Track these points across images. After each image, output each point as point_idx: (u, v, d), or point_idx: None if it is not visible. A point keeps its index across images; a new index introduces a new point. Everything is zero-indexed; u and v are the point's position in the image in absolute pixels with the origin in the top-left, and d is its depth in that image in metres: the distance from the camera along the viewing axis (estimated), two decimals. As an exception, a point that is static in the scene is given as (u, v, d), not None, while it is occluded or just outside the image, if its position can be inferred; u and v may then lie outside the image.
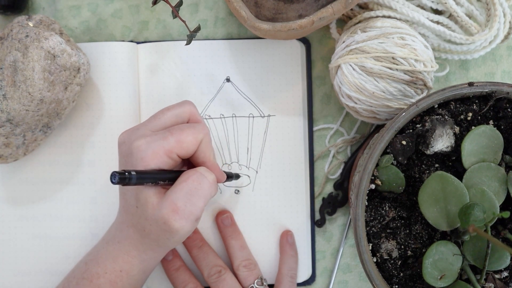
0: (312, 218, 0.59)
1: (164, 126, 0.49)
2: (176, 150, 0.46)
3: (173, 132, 0.47)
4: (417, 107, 0.45)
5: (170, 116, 0.49)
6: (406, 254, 0.46)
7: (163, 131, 0.47)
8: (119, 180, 0.41)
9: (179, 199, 0.45)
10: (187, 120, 0.50)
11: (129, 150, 0.46)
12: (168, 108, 0.50)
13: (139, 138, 0.46)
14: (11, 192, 0.57)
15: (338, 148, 0.59)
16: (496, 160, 0.45)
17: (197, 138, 0.47)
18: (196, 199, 0.46)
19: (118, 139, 0.49)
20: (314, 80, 0.59)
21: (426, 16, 0.54)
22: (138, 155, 0.45)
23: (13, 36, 0.49)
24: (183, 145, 0.46)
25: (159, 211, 0.45)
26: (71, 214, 0.57)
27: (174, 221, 0.45)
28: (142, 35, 0.59)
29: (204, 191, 0.46)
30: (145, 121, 0.49)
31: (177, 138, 0.46)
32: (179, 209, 0.45)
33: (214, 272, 0.54)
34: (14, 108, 0.49)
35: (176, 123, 0.49)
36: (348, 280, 0.59)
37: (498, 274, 0.45)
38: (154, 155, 0.45)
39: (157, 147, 0.45)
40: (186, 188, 0.46)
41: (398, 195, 0.47)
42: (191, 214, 0.46)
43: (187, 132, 0.47)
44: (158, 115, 0.49)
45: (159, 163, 0.46)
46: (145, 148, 0.45)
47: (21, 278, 0.57)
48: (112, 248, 0.49)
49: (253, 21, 0.49)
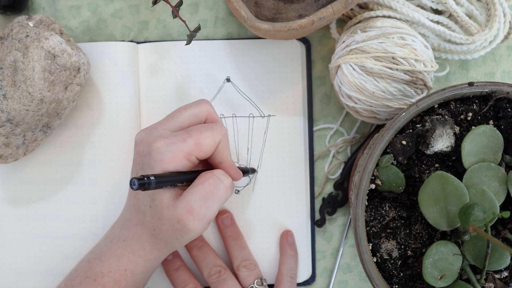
0: (312, 218, 0.59)
1: (181, 126, 0.48)
2: (195, 153, 0.46)
3: (192, 134, 0.46)
4: (417, 107, 0.45)
5: (187, 116, 0.49)
6: (406, 254, 0.46)
7: (181, 132, 0.47)
8: (139, 186, 0.41)
9: (195, 202, 0.45)
10: (204, 119, 0.50)
11: (147, 151, 0.46)
12: (185, 108, 0.49)
13: (158, 139, 0.46)
14: (11, 192, 0.57)
15: (338, 148, 0.59)
16: (496, 160, 0.45)
17: (216, 140, 0.47)
18: (211, 203, 0.46)
19: (136, 138, 0.49)
20: (314, 80, 0.59)
21: (426, 16, 0.54)
22: (157, 157, 0.45)
23: (13, 36, 0.49)
24: (201, 148, 0.46)
25: (174, 211, 0.45)
26: (71, 214, 0.57)
27: (188, 222, 0.45)
28: (142, 35, 0.59)
29: (220, 195, 0.47)
30: (162, 120, 0.49)
31: (196, 141, 0.46)
32: (194, 210, 0.45)
33: (214, 272, 0.54)
34: (14, 108, 0.49)
35: (194, 123, 0.49)
36: (348, 280, 0.59)
37: (498, 274, 0.45)
38: (174, 158, 0.45)
39: (176, 150, 0.45)
40: (202, 190, 0.46)
41: (398, 195, 0.47)
42: (205, 217, 0.46)
43: (206, 134, 0.47)
44: (176, 115, 0.49)
45: (178, 166, 0.46)
46: (164, 151, 0.45)
47: (21, 278, 0.57)
48: (117, 247, 0.49)
49: (253, 21, 0.49)
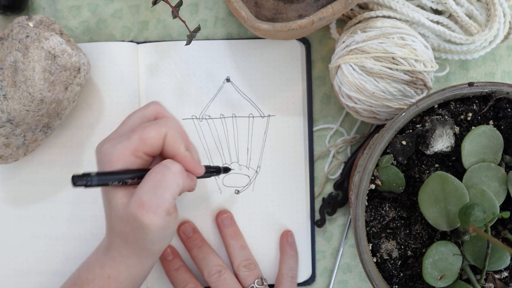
0: (312, 218, 0.59)
1: (131, 128, 0.48)
2: (141, 148, 0.46)
3: (136, 131, 0.46)
4: (417, 107, 0.45)
5: (135, 118, 0.49)
6: (406, 254, 0.46)
7: (127, 131, 0.47)
8: (78, 182, 0.42)
9: (144, 193, 0.45)
10: (154, 118, 0.50)
11: (98, 156, 0.47)
12: (134, 112, 0.50)
13: (106, 143, 0.47)
14: (11, 192, 0.57)
15: (338, 148, 0.59)
16: (496, 160, 0.45)
17: (160, 133, 0.47)
18: (161, 191, 0.45)
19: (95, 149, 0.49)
20: (314, 80, 0.59)
21: (426, 16, 0.54)
22: (105, 158, 0.46)
23: (14, 36, 0.49)
24: (146, 142, 0.46)
25: (127, 208, 0.45)
26: (71, 214, 0.57)
27: (142, 216, 0.44)
28: (142, 35, 0.59)
29: (169, 182, 0.45)
30: (116, 129, 0.50)
31: (140, 136, 0.46)
32: (145, 203, 0.44)
33: (214, 272, 0.54)
34: (14, 108, 0.49)
35: (143, 123, 0.49)
36: (348, 280, 0.59)
37: (498, 274, 0.45)
38: (120, 155, 0.45)
39: (122, 147, 0.46)
40: (150, 181, 0.45)
41: (398, 195, 0.47)
42: (158, 207, 0.45)
43: (149, 128, 0.47)
44: (125, 120, 0.49)
45: (127, 164, 0.46)
46: (111, 151, 0.46)
47: (21, 278, 0.57)
48: (101, 255, 0.49)
49: (253, 21, 0.49)
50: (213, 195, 0.58)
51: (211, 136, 0.58)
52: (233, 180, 0.58)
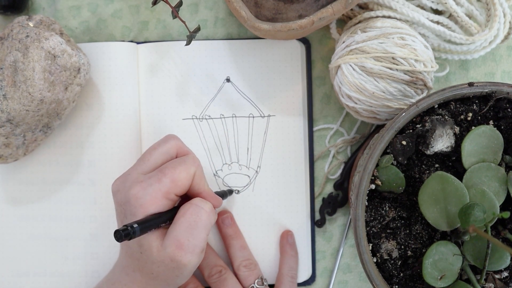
0: (312, 218, 0.59)
1: (154, 166, 0.48)
2: (173, 190, 0.46)
3: (166, 172, 0.46)
4: (417, 107, 0.45)
5: (158, 155, 0.49)
6: (406, 254, 0.46)
7: (155, 172, 0.47)
8: (125, 237, 0.42)
9: (182, 235, 0.45)
10: (175, 154, 0.50)
11: (126, 199, 0.46)
12: (154, 147, 0.49)
13: (134, 185, 0.46)
14: (10, 192, 0.57)
15: (338, 148, 0.59)
16: (496, 160, 0.45)
17: (190, 173, 0.47)
18: (198, 232, 0.46)
19: (112, 188, 0.49)
20: (314, 80, 0.59)
21: (426, 16, 0.54)
22: (137, 202, 0.45)
23: (14, 36, 0.49)
24: (178, 183, 0.46)
25: (164, 251, 0.45)
26: (70, 215, 0.57)
27: (181, 257, 0.45)
28: (142, 35, 0.59)
29: (204, 222, 0.47)
30: (135, 164, 0.49)
31: (171, 178, 0.46)
32: (183, 244, 0.45)
33: (214, 272, 0.54)
34: (14, 108, 0.49)
35: (165, 160, 0.49)
36: (348, 280, 0.59)
37: (498, 274, 0.45)
38: (153, 200, 0.45)
39: (154, 191, 0.45)
40: (185, 222, 0.46)
41: (398, 195, 0.47)
42: (196, 247, 0.46)
43: (180, 169, 0.47)
44: (146, 156, 0.49)
45: (159, 207, 0.46)
46: (142, 195, 0.45)
47: (20, 278, 0.57)
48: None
49: (253, 21, 0.49)
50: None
51: (211, 136, 0.58)
52: (233, 180, 0.58)
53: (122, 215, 0.48)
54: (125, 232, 0.42)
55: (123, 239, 0.42)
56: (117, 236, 0.42)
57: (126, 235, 0.42)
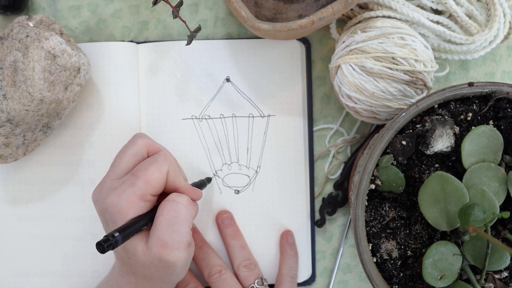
0: (312, 218, 0.59)
1: (127, 169, 0.48)
2: (148, 191, 0.46)
3: (138, 175, 0.46)
4: (417, 107, 0.45)
5: (128, 158, 0.49)
6: (406, 254, 0.46)
7: (127, 177, 0.47)
8: (107, 248, 0.41)
9: (163, 234, 0.45)
10: (146, 154, 0.50)
11: (104, 208, 0.46)
12: (123, 150, 0.49)
13: (109, 193, 0.46)
14: (10, 192, 0.57)
15: (338, 148, 0.59)
16: (496, 160, 0.45)
17: (163, 172, 0.47)
18: (179, 227, 0.46)
19: (92, 199, 0.49)
20: (314, 80, 0.59)
21: (426, 16, 0.54)
22: (114, 209, 0.45)
23: (14, 36, 0.49)
24: (152, 184, 0.46)
25: (149, 253, 0.45)
26: (70, 214, 0.57)
27: (168, 256, 0.45)
28: (142, 35, 0.59)
29: (183, 216, 0.46)
30: (108, 171, 0.49)
31: (144, 179, 0.46)
32: (167, 243, 0.45)
33: (214, 272, 0.54)
34: (14, 108, 0.49)
35: (137, 161, 0.49)
36: (348, 280, 0.59)
37: (498, 274, 0.45)
38: (129, 204, 0.45)
39: (129, 196, 0.45)
40: (165, 220, 0.45)
41: (398, 195, 0.47)
42: (180, 243, 0.45)
43: (152, 170, 0.46)
44: (117, 161, 0.49)
45: (137, 211, 0.46)
46: (118, 202, 0.45)
47: (20, 278, 0.57)
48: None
49: (253, 21, 0.49)
50: (213, 195, 0.58)
51: (211, 136, 0.58)
52: (233, 180, 0.58)
53: (105, 224, 0.48)
54: (107, 244, 0.41)
55: (106, 250, 0.41)
56: (99, 248, 0.41)
57: (108, 246, 0.41)
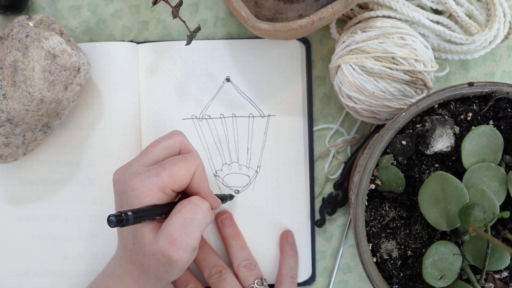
0: (312, 218, 0.59)
1: (156, 160, 0.48)
2: (170, 186, 0.46)
3: (166, 167, 0.46)
4: (417, 107, 0.45)
5: (160, 149, 0.49)
6: (406, 254, 0.46)
7: (155, 166, 0.47)
8: (117, 223, 0.41)
9: (175, 231, 0.45)
10: (178, 151, 0.50)
11: (123, 189, 0.46)
12: (158, 141, 0.49)
13: (132, 176, 0.46)
14: (10, 192, 0.57)
15: (338, 148, 0.59)
16: (496, 160, 0.45)
17: (190, 171, 0.47)
18: (192, 229, 0.46)
19: (113, 177, 0.49)
20: (314, 80, 0.59)
21: (426, 16, 0.54)
22: (133, 193, 0.45)
23: (13, 35, 0.49)
24: (176, 179, 0.46)
25: (156, 245, 0.45)
26: (70, 214, 0.57)
27: (172, 253, 0.45)
28: (142, 35, 0.59)
29: (199, 220, 0.46)
30: (137, 156, 0.49)
31: (170, 173, 0.46)
32: (175, 240, 0.45)
33: (214, 272, 0.54)
34: (14, 108, 0.49)
35: (168, 155, 0.49)
36: (348, 280, 0.59)
37: (498, 274, 0.45)
38: (149, 192, 0.45)
39: (151, 184, 0.45)
40: (180, 218, 0.46)
41: (398, 195, 0.47)
42: (188, 245, 0.45)
43: (180, 166, 0.47)
44: (149, 149, 0.49)
45: (154, 200, 0.46)
46: (139, 186, 0.45)
47: (20, 278, 0.57)
48: (112, 282, 0.48)
49: (253, 21, 0.49)
50: (213, 195, 0.58)
51: (211, 136, 0.58)
52: (233, 180, 0.58)
53: (119, 205, 0.48)
54: (118, 218, 0.41)
55: (115, 224, 0.41)
56: (109, 221, 0.41)
57: (119, 221, 0.41)
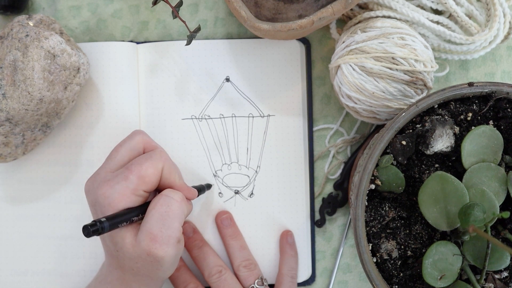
0: (312, 218, 0.58)
1: (121, 163, 0.48)
2: (140, 187, 0.46)
3: (132, 169, 0.46)
4: (417, 107, 0.45)
5: (124, 152, 0.49)
6: (406, 254, 0.46)
7: (122, 170, 0.47)
8: (92, 232, 0.41)
9: (154, 227, 0.45)
10: (143, 150, 0.50)
11: (95, 199, 0.46)
12: (120, 144, 0.49)
13: (102, 184, 0.46)
14: (9, 191, 0.57)
15: (338, 148, 0.59)
16: (496, 160, 0.45)
17: (158, 168, 0.47)
18: (170, 222, 0.46)
19: (84, 189, 0.49)
20: (314, 80, 0.59)
21: (426, 16, 0.54)
22: (105, 201, 0.45)
23: (13, 35, 0.49)
24: (145, 179, 0.46)
25: (138, 246, 0.45)
26: (69, 214, 0.57)
27: (156, 250, 0.45)
28: (142, 35, 0.59)
29: (175, 211, 0.46)
30: (103, 163, 0.49)
31: (138, 175, 0.46)
32: (156, 236, 0.45)
33: (214, 272, 0.54)
34: (13, 107, 0.49)
35: (132, 156, 0.49)
36: (348, 280, 0.59)
37: (498, 274, 0.45)
38: (121, 197, 0.45)
39: (121, 189, 0.45)
40: (156, 214, 0.45)
41: (398, 195, 0.47)
42: (170, 238, 0.45)
43: (146, 165, 0.46)
44: (113, 154, 0.49)
45: (128, 204, 0.46)
46: (110, 193, 0.45)
47: (19, 277, 0.57)
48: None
49: (253, 21, 0.49)
50: (213, 195, 0.58)
51: (210, 136, 0.58)
52: (233, 180, 0.58)
53: (95, 215, 0.48)
54: (93, 228, 0.41)
55: (91, 234, 0.41)
56: (85, 231, 0.41)
57: (94, 230, 0.41)
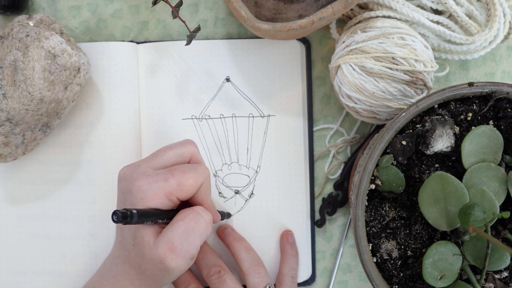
0: (312, 218, 0.59)
1: (165, 165, 0.48)
2: (176, 193, 0.46)
3: (175, 174, 0.46)
4: (417, 107, 0.45)
5: (171, 155, 0.49)
6: (406, 254, 0.46)
7: (164, 171, 0.47)
8: (121, 219, 0.41)
9: (176, 238, 0.45)
10: (189, 160, 0.50)
11: (129, 188, 0.46)
12: (170, 147, 0.49)
13: (140, 177, 0.46)
14: (9, 191, 0.57)
15: (338, 148, 0.59)
16: (496, 160, 0.45)
17: (198, 182, 0.47)
18: (193, 238, 0.46)
19: (119, 175, 0.49)
20: (314, 80, 0.59)
21: (426, 16, 0.54)
22: (139, 195, 0.45)
23: (14, 35, 0.49)
24: (183, 188, 0.46)
25: (155, 249, 0.45)
26: (69, 214, 0.57)
27: (170, 260, 0.45)
28: (142, 35, 0.59)
29: (201, 230, 0.46)
30: (147, 157, 0.49)
31: (178, 181, 0.46)
32: (175, 248, 0.45)
33: (213, 272, 0.54)
34: (13, 107, 0.49)
35: (178, 162, 0.49)
36: (348, 280, 0.59)
37: (498, 274, 0.45)
38: (155, 196, 0.45)
39: (158, 188, 0.45)
40: (183, 226, 0.46)
41: (398, 195, 0.47)
42: (187, 253, 0.45)
43: (189, 175, 0.47)
44: (160, 153, 0.49)
45: (159, 204, 0.46)
46: (146, 189, 0.45)
47: (19, 277, 0.57)
48: (107, 283, 0.48)
49: (253, 21, 0.49)
50: (213, 195, 0.58)
51: (210, 136, 0.58)
52: (233, 180, 0.58)
53: (122, 203, 0.48)
54: (123, 215, 0.41)
55: (120, 221, 0.41)
56: (114, 216, 0.41)
57: (123, 217, 0.41)
